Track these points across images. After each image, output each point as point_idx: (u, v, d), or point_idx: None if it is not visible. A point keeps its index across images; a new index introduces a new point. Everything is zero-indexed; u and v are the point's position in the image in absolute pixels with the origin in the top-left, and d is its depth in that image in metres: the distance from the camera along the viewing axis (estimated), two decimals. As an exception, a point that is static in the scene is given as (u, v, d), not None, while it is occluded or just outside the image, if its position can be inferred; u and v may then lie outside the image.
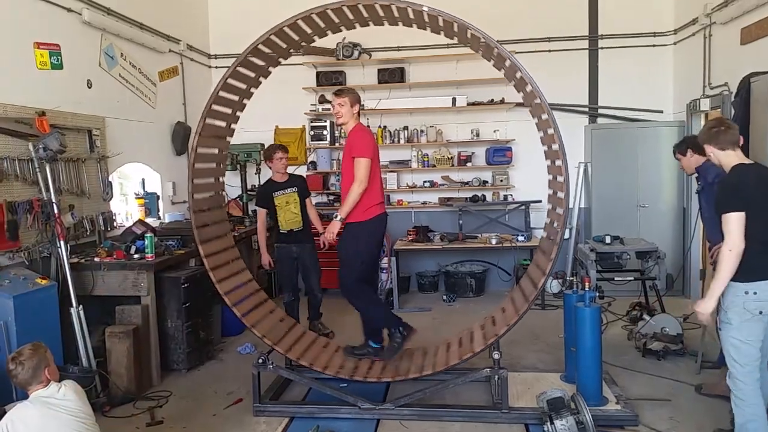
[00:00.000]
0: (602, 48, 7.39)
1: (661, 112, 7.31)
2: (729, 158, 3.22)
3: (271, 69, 4.41)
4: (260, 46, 3.91)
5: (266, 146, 6.40)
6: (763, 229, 3.04)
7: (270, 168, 5.66)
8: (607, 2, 7.33)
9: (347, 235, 4.22)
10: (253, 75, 4.29)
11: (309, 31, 4.07)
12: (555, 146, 3.69)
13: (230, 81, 4.07)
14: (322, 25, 4.04)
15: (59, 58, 4.85)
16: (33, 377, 2.77)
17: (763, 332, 3.08)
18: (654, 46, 7.27)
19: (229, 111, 4.34)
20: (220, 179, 4.56)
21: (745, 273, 3.02)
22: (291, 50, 4.30)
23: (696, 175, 4.46)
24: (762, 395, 3.12)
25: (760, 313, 3.03)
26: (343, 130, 5.80)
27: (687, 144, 4.45)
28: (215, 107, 4.11)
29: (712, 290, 3.08)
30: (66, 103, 4.83)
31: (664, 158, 7.01)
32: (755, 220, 3.02)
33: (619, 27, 7.30)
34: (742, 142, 3.27)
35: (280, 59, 4.35)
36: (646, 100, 7.32)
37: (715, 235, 3.96)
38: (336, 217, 4.14)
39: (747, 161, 3.26)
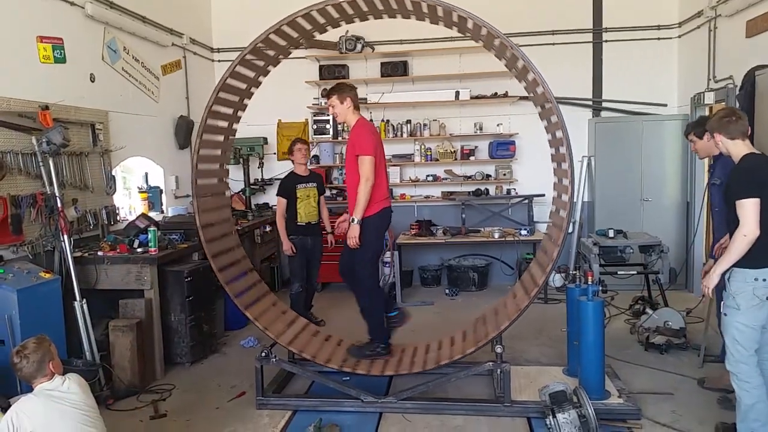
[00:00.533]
0: (606, 41, 7.35)
1: (665, 105, 7.27)
2: (738, 148, 3.25)
3: (270, 68, 4.39)
4: (260, 45, 3.89)
5: (268, 140, 6.94)
6: None
7: (292, 162, 5.90)
8: (612, -5, 7.30)
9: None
10: (253, 74, 4.26)
11: (309, 27, 4.05)
12: (559, 133, 3.68)
13: (234, 74, 4.04)
14: (322, 21, 4.01)
15: (62, 52, 4.85)
16: (37, 370, 2.79)
17: (767, 318, 3.14)
18: (658, 39, 7.23)
19: (230, 112, 4.33)
20: (224, 179, 4.56)
21: (755, 259, 3.08)
22: (291, 47, 4.27)
23: (711, 162, 4.31)
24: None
25: (767, 298, 3.09)
26: (346, 125, 5.82)
27: (705, 127, 4.11)
28: (216, 107, 4.10)
29: (718, 267, 3.18)
30: (69, 97, 4.83)
31: (668, 152, 7.00)
32: (765, 208, 3.05)
33: (623, 20, 7.25)
34: (749, 133, 3.27)
35: (281, 56, 4.34)
36: (650, 93, 7.28)
37: (722, 231, 3.94)
38: (353, 220, 4.10)
39: (756, 151, 3.28)
